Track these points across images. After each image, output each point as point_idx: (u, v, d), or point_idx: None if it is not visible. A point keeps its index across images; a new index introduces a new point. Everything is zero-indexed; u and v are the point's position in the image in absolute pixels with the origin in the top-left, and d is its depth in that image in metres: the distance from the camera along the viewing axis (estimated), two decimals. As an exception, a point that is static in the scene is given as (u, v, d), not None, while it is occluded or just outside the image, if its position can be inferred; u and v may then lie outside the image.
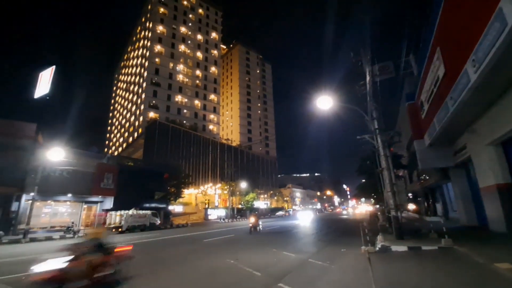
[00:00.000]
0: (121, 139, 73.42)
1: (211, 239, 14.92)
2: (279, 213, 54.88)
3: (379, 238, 10.31)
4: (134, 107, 66.32)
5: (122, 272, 5.42)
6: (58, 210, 25.04)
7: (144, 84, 60.68)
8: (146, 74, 60.59)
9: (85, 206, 26.59)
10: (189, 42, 70.04)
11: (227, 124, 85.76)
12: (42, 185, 19.29)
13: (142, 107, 59.00)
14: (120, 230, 21.41)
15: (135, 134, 60.34)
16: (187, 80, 67.40)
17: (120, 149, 71.00)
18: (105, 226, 22.27)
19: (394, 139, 16.24)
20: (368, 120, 12.07)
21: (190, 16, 72.22)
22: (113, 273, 5.15)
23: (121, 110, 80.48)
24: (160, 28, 64.53)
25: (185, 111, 64.84)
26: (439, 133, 12.63)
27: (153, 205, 29.84)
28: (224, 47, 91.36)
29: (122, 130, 73.87)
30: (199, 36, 72.89)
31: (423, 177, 23.94)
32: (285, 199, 76.38)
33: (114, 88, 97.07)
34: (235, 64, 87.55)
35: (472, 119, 10.94)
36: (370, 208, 43.98)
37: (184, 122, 62.30)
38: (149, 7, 69.51)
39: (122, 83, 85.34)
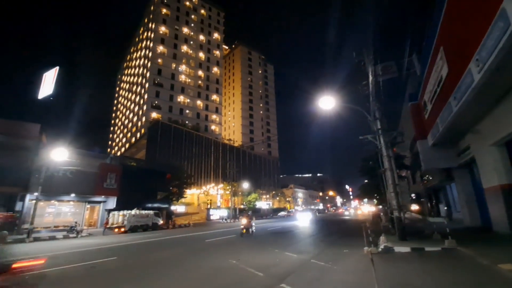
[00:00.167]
0: (123, 140, 73.78)
1: (213, 239, 14.93)
2: (281, 213, 54.81)
3: (382, 239, 10.26)
4: (136, 108, 66.63)
5: None
6: (62, 210, 25.18)
7: (146, 85, 60.95)
8: (148, 74, 60.85)
9: (88, 206, 26.72)
10: (191, 43, 70.24)
11: (229, 125, 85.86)
12: (45, 185, 19.42)
13: (145, 107, 59.26)
14: (123, 230, 21.49)
15: (138, 135, 60.61)
16: (189, 80, 67.58)
17: (123, 149, 71.38)
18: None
19: (397, 140, 16.19)
20: (370, 121, 12.02)
21: (193, 16, 72.43)
22: None
23: (123, 110, 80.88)
24: (162, 29, 64.78)
25: (187, 111, 65.01)
26: (442, 133, 12.55)
27: (155, 205, 29.94)
28: (226, 47, 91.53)
29: (125, 130, 74.23)
30: (201, 37, 73.07)
31: (426, 177, 23.79)
32: (287, 199, 76.28)
33: (117, 88, 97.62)
34: (237, 65, 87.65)
35: (475, 119, 10.86)
36: (373, 209, 43.79)
37: (187, 122, 62.47)
38: (151, 8, 69.85)
39: (125, 84, 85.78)
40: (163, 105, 60.67)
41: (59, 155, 19.55)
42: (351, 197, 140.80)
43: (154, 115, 58.42)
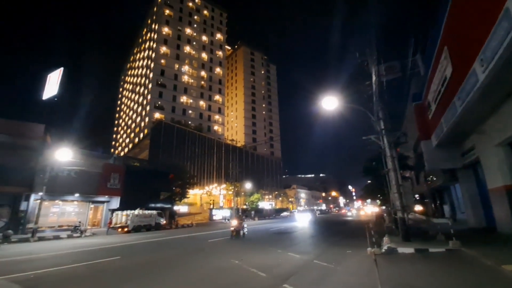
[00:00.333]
0: (127, 140, 74.17)
1: (216, 239, 14.97)
2: (283, 213, 54.83)
3: (385, 240, 10.19)
4: (140, 108, 66.97)
5: None
6: (66, 210, 25.39)
7: (149, 85, 61.25)
8: (151, 75, 61.15)
9: (92, 206, 26.92)
10: (194, 44, 70.46)
11: (232, 125, 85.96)
12: (50, 185, 19.60)
13: (148, 108, 59.54)
14: (126, 230, 21.61)
15: (141, 135, 60.90)
16: (192, 81, 67.79)
17: (126, 149, 71.75)
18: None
19: (401, 140, 16.04)
20: (374, 121, 11.97)
21: (195, 17, 72.66)
22: None
23: (127, 111, 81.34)
24: (165, 30, 65.07)
25: (190, 112, 65.21)
26: (446, 133, 12.46)
27: (158, 205, 30.05)
28: (229, 48, 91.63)
29: (128, 131, 74.62)
30: (204, 37, 73.27)
31: (430, 178, 23.62)
32: (290, 200, 76.20)
33: (120, 89, 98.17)
34: (240, 65, 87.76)
35: (480, 119, 10.76)
36: (376, 210, 43.58)
37: (189, 122, 62.63)
38: (154, 9, 70.23)
39: (128, 85, 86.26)
40: (166, 105, 60.92)
41: (64, 155, 19.74)
42: (354, 197, 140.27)
43: (157, 115, 58.67)
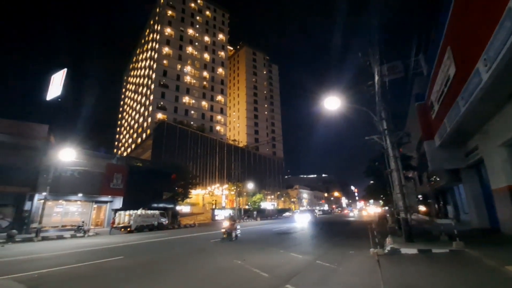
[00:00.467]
0: (130, 140, 74.53)
1: (218, 239, 14.97)
2: (286, 214, 54.82)
3: (388, 241, 10.17)
4: (142, 109, 67.28)
5: None
6: (69, 210, 25.57)
7: (152, 86, 61.52)
8: (154, 76, 61.40)
9: (95, 206, 27.07)
10: (196, 44, 70.66)
11: (234, 125, 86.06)
12: (53, 185, 19.73)
13: (150, 108, 59.79)
14: (129, 229, 21.71)
15: (144, 135, 61.17)
16: (194, 81, 67.98)
17: (129, 149, 72.09)
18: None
19: (403, 140, 16.03)
20: (376, 121, 11.93)
21: (198, 18, 72.87)
22: None
23: (130, 111, 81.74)
24: (168, 31, 65.33)
25: (192, 112, 65.39)
26: (450, 134, 12.39)
27: (161, 205, 30.14)
28: (231, 48, 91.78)
29: (131, 131, 74.97)
30: (206, 38, 73.46)
31: (433, 178, 23.48)
32: (292, 200, 76.12)
33: (123, 90, 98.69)
34: (242, 65, 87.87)
35: (484, 119, 10.70)
36: (379, 210, 43.41)
37: (192, 123, 62.81)
38: (157, 10, 70.50)
39: (131, 85, 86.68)
40: (169, 106, 61.14)
41: (67, 155, 19.86)
42: (357, 198, 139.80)
43: (160, 116, 58.91)
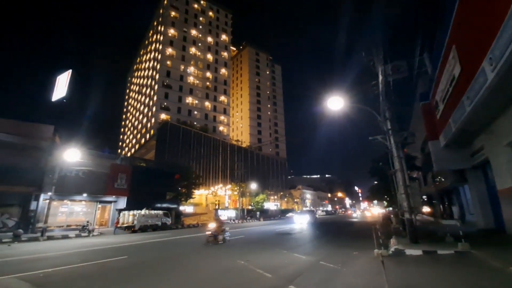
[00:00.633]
0: (133, 140, 74.95)
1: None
2: (289, 214, 54.74)
3: (392, 242, 10.08)
4: (146, 109, 67.64)
5: None
6: (74, 209, 25.79)
7: (155, 87, 61.83)
8: (157, 76, 61.71)
9: (99, 206, 27.27)
10: (199, 45, 70.89)
11: (237, 125, 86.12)
12: (59, 185, 19.94)
13: (154, 109, 60.09)
14: (133, 229, 21.83)
15: (147, 136, 61.47)
16: (197, 82, 68.19)
17: (133, 150, 72.49)
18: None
19: (408, 140, 15.82)
20: (380, 121, 11.84)
21: (201, 19, 73.09)
22: None
23: (133, 112, 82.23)
24: (171, 31, 65.62)
25: (195, 112, 65.59)
26: (455, 134, 12.25)
27: (164, 205, 30.29)
28: (234, 48, 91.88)
29: (135, 131, 75.40)
30: (210, 39, 73.64)
31: (438, 179, 23.27)
32: (295, 200, 75.95)
33: (127, 90, 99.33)
34: (245, 66, 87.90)
35: (489, 119, 10.56)
36: (383, 211, 43.14)
37: (195, 123, 63.00)
38: (160, 11, 70.87)
39: (135, 86, 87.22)
40: (172, 106, 61.40)
41: (72, 156, 20.07)
42: (360, 198, 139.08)
43: (163, 116, 59.17)
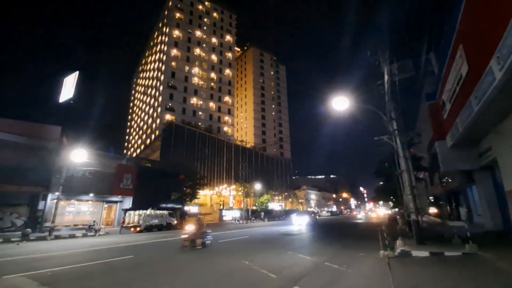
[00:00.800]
0: (139, 141, 75.59)
1: (226, 240, 15.02)
2: (293, 215, 54.58)
3: (398, 243, 9.98)
4: (151, 110, 68.17)
5: None
6: (81, 209, 26.09)
7: (160, 87, 62.29)
8: (162, 77, 62.16)
9: (105, 206, 27.56)
10: (204, 46, 71.21)
11: (242, 126, 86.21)
12: (66, 185, 20.19)
13: (159, 109, 60.50)
14: (138, 229, 22.01)
15: (153, 136, 61.94)
16: (202, 82, 68.50)
17: (138, 150, 73.11)
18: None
19: (414, 140, 15.74)
20: (386, 121, 11.74)
21: (205, 20, 73.42)
22: None
23: (139, 112, 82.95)
24: (176, 33, 66.05)
25: (200, 113, 65.87)
26: (462, 134, 12.08)
27: (169, 205, 30.43)
28: (238, 49, 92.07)
29: (140, 132, 76.04)
30: (214, 39, 73.93)
31: (445, 179, 22.96)
32: (300, 201, 75.69)
33: (133, 91, 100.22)
34: (249, 66, 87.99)
35: (497, 119, 10.38)
36: (389, 212, 42.73)
37: (200, 124, 63.26)
38: (165, 12, 71.38)
39: (140, 87, 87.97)
40: (177, 107, 61.77)
41: (79, 156, 20.33)
42: (366, 199, 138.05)
43: (168, 117, 59.55)
